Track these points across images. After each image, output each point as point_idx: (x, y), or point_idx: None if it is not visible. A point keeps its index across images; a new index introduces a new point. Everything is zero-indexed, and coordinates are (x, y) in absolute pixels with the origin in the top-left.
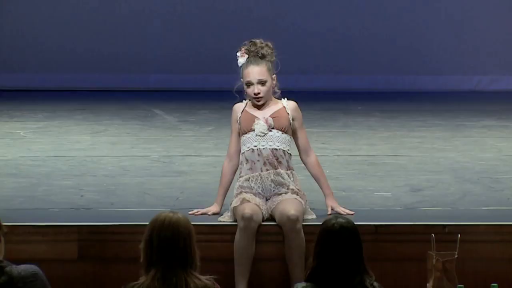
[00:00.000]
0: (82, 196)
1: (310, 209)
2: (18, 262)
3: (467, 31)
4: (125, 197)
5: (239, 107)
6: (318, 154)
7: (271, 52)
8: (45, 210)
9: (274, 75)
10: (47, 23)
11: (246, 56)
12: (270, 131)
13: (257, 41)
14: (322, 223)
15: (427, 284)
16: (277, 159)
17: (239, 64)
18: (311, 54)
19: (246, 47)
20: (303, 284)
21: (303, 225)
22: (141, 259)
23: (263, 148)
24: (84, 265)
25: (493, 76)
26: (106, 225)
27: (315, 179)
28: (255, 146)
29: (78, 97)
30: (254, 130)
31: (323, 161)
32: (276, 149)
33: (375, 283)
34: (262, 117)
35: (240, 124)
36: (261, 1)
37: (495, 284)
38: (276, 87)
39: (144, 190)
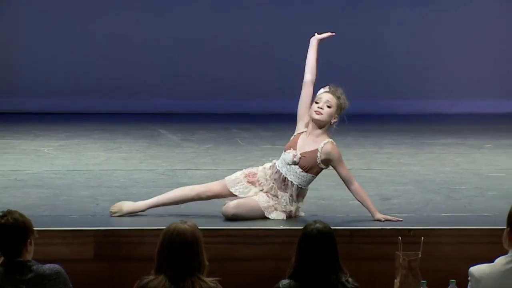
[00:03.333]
0: (97, 204)
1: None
2: (43, 261)
3: (430, 60)
4: None
5: (302, 128)
6: None
7: (345, 101)
8: (65, 216)
9: (337, 116)
10: (68, 53)
11: (328, 89)
12: (295, 164)
13: (339, 88)
14: (303, 228)
15: (395, 280)
16: (285, 186)
17: (318, 93)
18: (298, 80)
19: (330, 85)
20: (287, 281)
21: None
22: (154, 264)
23: (281, 172)
24: (99, 264)
25: (453, 100)
26: (118, 229)
27: (360, 203)
28: (279, 166)
29: (95, 119)
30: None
31: None
32: (289, 180)
33: (350, 279)
34: (298, 151)
35: (292, 137)
36: (256, 32)
37: (453, 280)
38: (334, 125)
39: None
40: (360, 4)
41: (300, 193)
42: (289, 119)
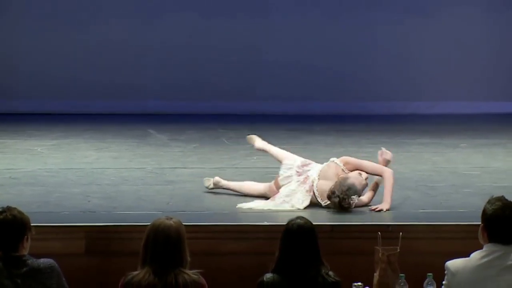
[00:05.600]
0: (89, 201)
1: None
2: (37, 256)
3: (409, 63)
4: (124, 202)
5: None
6: None
7: None
8: (58, 213)
9: None
10: (61, 56)
11: None
12: None
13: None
14: (286, 224)
15: (374, 274)
16: None
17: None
18: (282, 83)
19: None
20: (270, 275)
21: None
22: (140, 257)
23: None
24: (90, 259)
25: (430, 102)
26: (108, 225)
27: None
28: None
29: (86, 120)
30: None
31: None
32: None
33: (330, 273)
34: None
35: None
36: (244, 37)
37: (430, 274)
38: None
39: (140, 196)
40: (343, 9)
41: None
42: (272, 120)
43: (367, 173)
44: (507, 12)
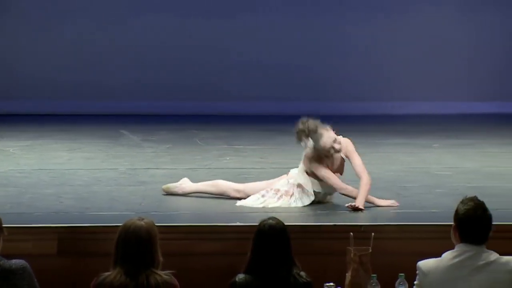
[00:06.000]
0: (61, 202)
1: None
2: (9, 257)
3: (383, 63)
4: (97, 203)
5: None
6: (257, 167)
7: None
8: (31, 214)
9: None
10: (33, 57)
11: None
12: None
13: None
14: (258, 224)
15: (346, 274)
16: None
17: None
18: (255, 83)
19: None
20: (243, 275)
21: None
22: (111, 258)
23: None
24: (63, 260)
25: (403, 102)
26: (81, 226)
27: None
28: None
29: (59, 120)
30: None
31: (261, 173)
32: None
33: (302, 273)
34: None
35: None
36: (216, 38)
37: (402, 274)
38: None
39: (112, 197)
40: (316, 9)
41: None
42: (245, 120)
43: (352, 163)
44: (480, 12)
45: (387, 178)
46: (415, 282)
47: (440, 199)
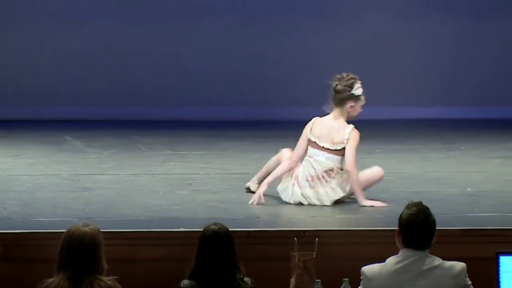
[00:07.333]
0: (5, 208)
1: None
2: None
3: (322, 68)
4: (40, 209)
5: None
6: (201, 173)
7: None
8: None
9: None
10: None
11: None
12: None
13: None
14: (202, 230)
15: (291, 279)
16: None
17: (360, 92)
18: (197, 88)
19: (360, 81)
20: (187, 281)
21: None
22: (55, 264)
23: None
24: (6, 266)
25: None
26: (25, 232)
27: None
28: None
29: (0, 126)
30: None
31: (205, 179)
32: None
33: (246, 279)
34: None
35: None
36: (160, 42)
37: (346, 279)
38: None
39: (56, 203)
40: (257, 14)
41: None
42: (187, 125)
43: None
44: (423, 18)
45: None
46: (359, 287)
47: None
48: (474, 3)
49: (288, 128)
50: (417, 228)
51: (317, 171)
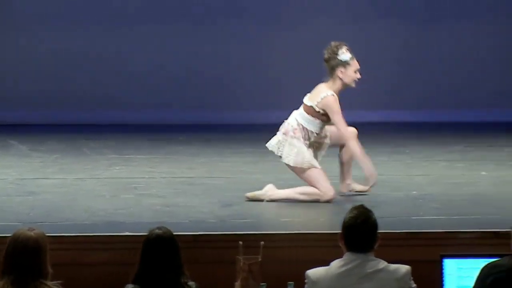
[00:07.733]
0: None
1: None
2: None
3: (270, 73)
4: None
5: None
6: (146, 177)
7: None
8: None
9: None
10: None
11: (349, 52)
12: None
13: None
14: (146, 234)
15: (236, 283)
16: None
17: (346, 57)
18: (142, 92)
19: (346, 47)
20: (131, 285)
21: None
22: (0, 267)
23: None
24: None
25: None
26: None
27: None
28: None
29: None
30: None
31: (150, 183)
32: None
33: (190, 283)
34: None
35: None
36: (109, 46)
37: (291, 283)
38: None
39: (1, 208)
40: (208, 17)
41: None
42: (133, 129)
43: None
44: (371, 21)
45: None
46: None
47: (327, 207)
48: (417, 10)
49: (234, 132)
50: (357, 230)
51: (290, 124)
